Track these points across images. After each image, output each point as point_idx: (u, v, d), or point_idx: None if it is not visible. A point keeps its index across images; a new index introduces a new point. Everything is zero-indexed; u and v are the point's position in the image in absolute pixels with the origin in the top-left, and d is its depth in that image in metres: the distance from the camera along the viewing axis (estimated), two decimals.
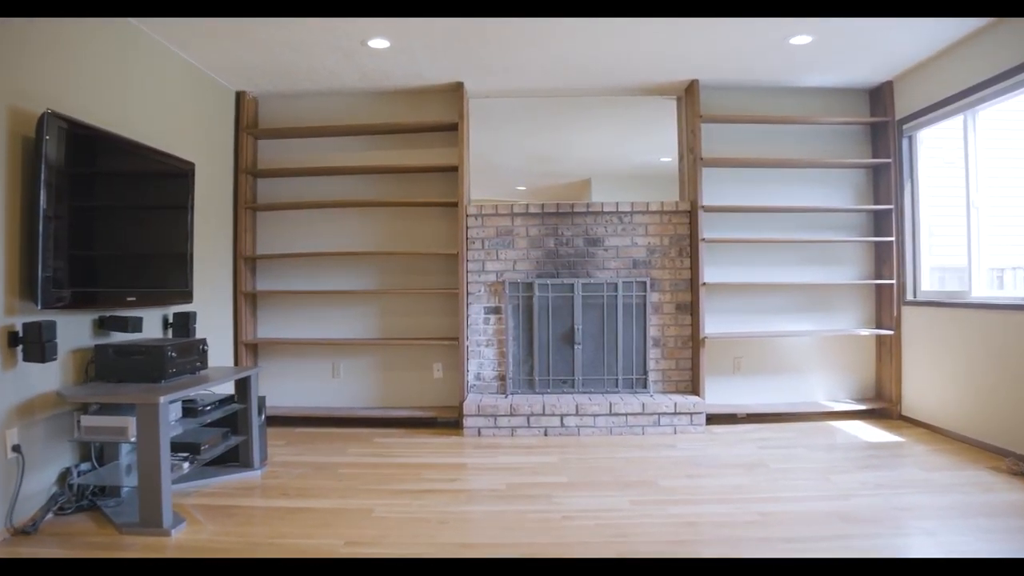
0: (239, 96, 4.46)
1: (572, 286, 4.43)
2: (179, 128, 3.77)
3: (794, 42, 3.72)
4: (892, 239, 4.38)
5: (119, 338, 3.07)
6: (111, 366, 2.81)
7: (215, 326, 4.14)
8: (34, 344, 2.48)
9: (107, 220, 2.96)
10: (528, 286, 4.45)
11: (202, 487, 3.08)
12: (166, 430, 2.52)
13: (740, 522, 2.57)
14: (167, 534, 2.47)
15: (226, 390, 3.51)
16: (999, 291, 3.73)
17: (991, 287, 3.76)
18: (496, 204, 4.51)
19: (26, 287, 2.54)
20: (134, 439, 2.55)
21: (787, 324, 4.60)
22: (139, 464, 2.50)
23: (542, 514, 2.68)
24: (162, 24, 3.37)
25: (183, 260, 3.55)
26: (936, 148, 4.29)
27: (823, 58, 3.98)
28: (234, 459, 3.35)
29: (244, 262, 4.44)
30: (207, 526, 2.58)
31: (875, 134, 4.57)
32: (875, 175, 4.59)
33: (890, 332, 4.40)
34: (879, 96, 4.48)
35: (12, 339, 2.49)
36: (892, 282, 4.40)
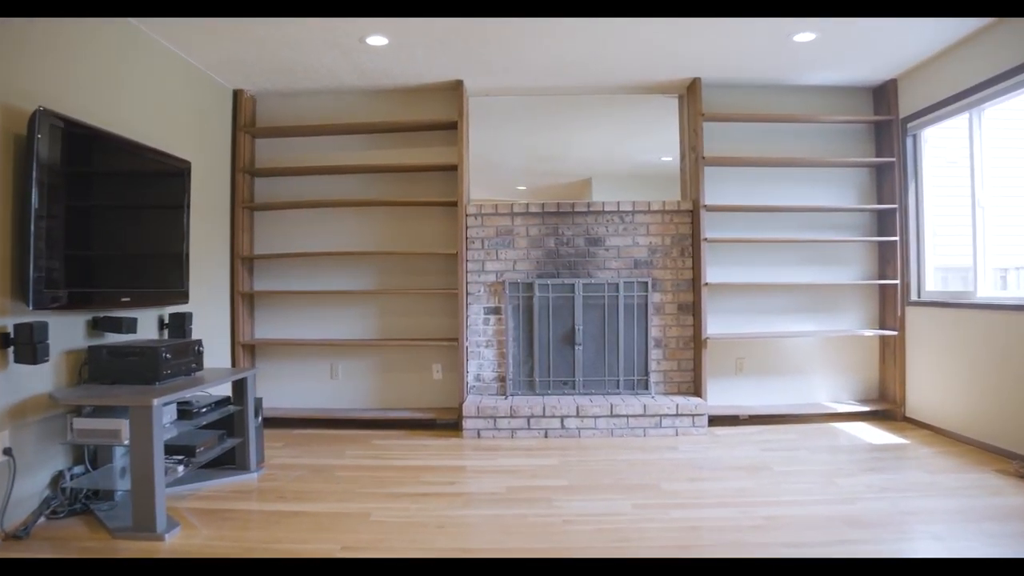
0: (236, 94, 4.41)
1: (573, 286, 4.38)
2: (175, 127, 3.73)
3: (798, 39, 3.67)
4: (896, 239, 4.34)
5: (113, 339, 3.03)
6: (105, 368, 2.77)
7: (212, 327, 4.10)
8: (25, 345, 2.43)
9: (101, 219, 2.92)
10: (528, 286, 4.41)
11: (197, 490, 3.03)
12: (159, 433, 2.48)
13: (744, 527, 2.52)
14: (161, 539, 2.43)
15: (223, 391, 3.47)
16: (1002, 291, 3.69)
17: (995, 287, 3.71)
18: (496, 203, 4.47)
19: (17, 287, 2.50)
20: (127, 442, 2.51)
21: (790, 325, 4.56)
22: (132, 468, 2.46)
23: (542, 518, 2.64)
24: (159, 22, 3.34)
25: (179, 260, 3.50)
26: (940, 147, 4.24)
27: (827, 55, 3.94)
28: (231, 462, 3.31)
29: (241, 262, 4.40)
30: (202, 530, 2.54)
31: (879, 133, 4.52)
32: (879, 174, 4.55)
33: (894, 333, 4.35)
34: (883, 94, 4.43)
35: (3, 340, 2.44)
36: (896, 282, 4.35)
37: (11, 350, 2.46)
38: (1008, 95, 3.45)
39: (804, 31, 3.55)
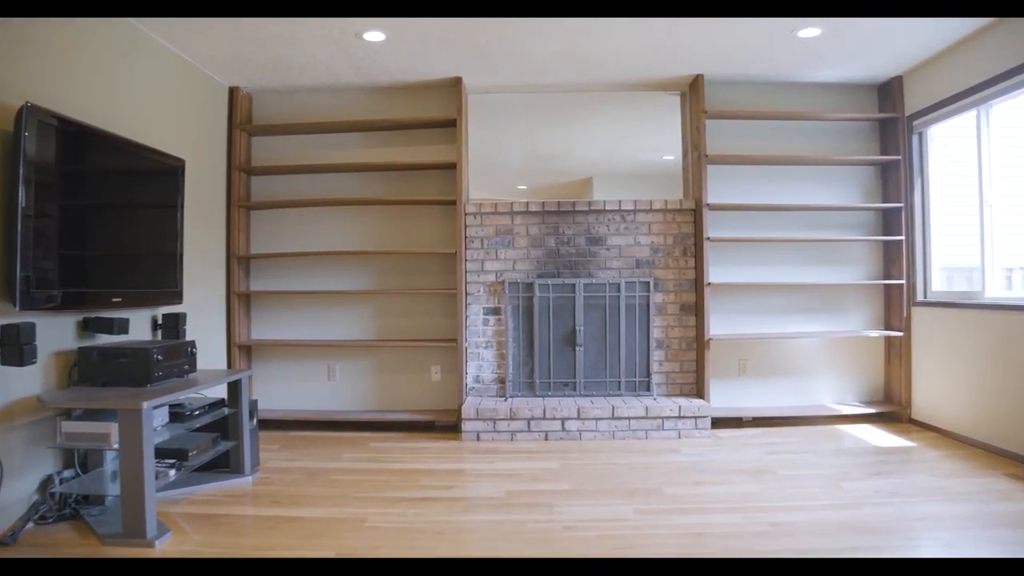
0: (232, 92, 4.35)
1: (573, 286, 4.32)
2: (170, 124, 3.67)
3: (802, 35, 3.61)
4: (902, 238, 4.27)
5: (105, 340, 2.97)
6: (95, 369, 2.71)
7: (208, 327, 4.04)
8: (11, 347, 2.37)
9: (92, 218, 2.86)
10: (528, 286, 4.35)
11: (190, 494, 2.97)
12: (150, 436, 2.42)
13: (749, 533, 2.46)
14: (151, 545, 2.37)
15: (218, 393, 3.41)
16: (1007, 291, 3.62)
17: (1002, 287, 3.65)
18: (495, 202, 4.41)
19: (3, 287, 2.44)
20: (117, 446, 2.44)
21: (794, 325, 4.49)
22: (122, 472, 2.40)
23: (542, 524, 2.57)
24: (154, 19, 3.27)
25: (172, 259, 3.44)
26: (946, 145, 4.18)
27: (832, 52, 3.87)
28: (225, 465, 3.25)
29: (238, 261, 4.34)
30: (193, 536, 2.48)
31: (884, 131, 4.46)
32: (884, 172, 4.48)
33: (899, 333, 4.29)
34: (888, 91, 4.37)
35: None
36: (902, 282, 4.28)
37: None
38: (1017, 91, 3.38)
39: (808, 26, 3.49)
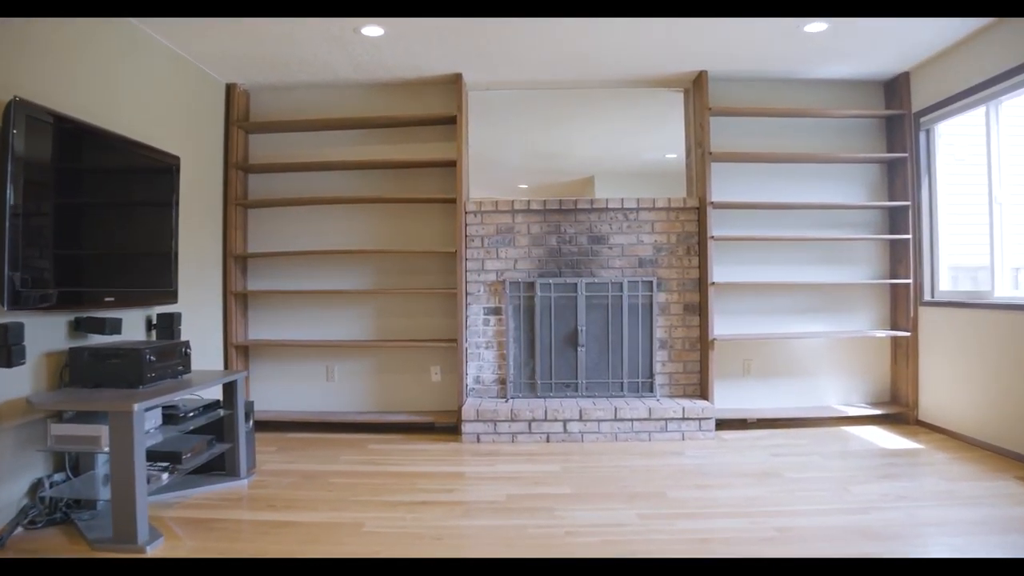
0: (229, 88, 4.29)
1: (575, 286, 4.25)
2: (165, 121, 3.61)
3: (808, 29, 3.54)
4: (909, 237, 4.20)
5: (97, 340, 2.91)
6: (86, 370, 2.65)
7: (204, 327, 3.98)
8: None
9: (84, 216, 2.80)
10: (529, 286, 4.28)
11: (184, 498, 2.91)
12: (141, 439, 2.36)
13: (756, 539, 2.40)
14: (142, 551, 2.31)
15: (213, 395, 3.35)
16: (1016, 291, 3.56)
17: (1011, 287, 3.58)
18: (496, 201, 4.34)
19: None
20: (108, 449, 2.38)
21: (799, 325, 4.43)
22: (112, 476, 2.34)
23: (544, 529, 2.51)
24: (152, 17, 3.21)
25: (167, 258, 3.38)
26: (951, 144, 4.11)
27: (838, 47, 3.80)
28: (220, 467, 3.19)
29: (234, 261, 4.28)
30: (186, 542, 2.42)
31: (890, 128, 4.39)
32: (890, 170, 4.41)
33: (906, 334, 4.22)
34: (894, 88, 4.30)
35: None
36: (908, 282, 4.22)
37: None
38: None
39: (814, 21, 3.42)
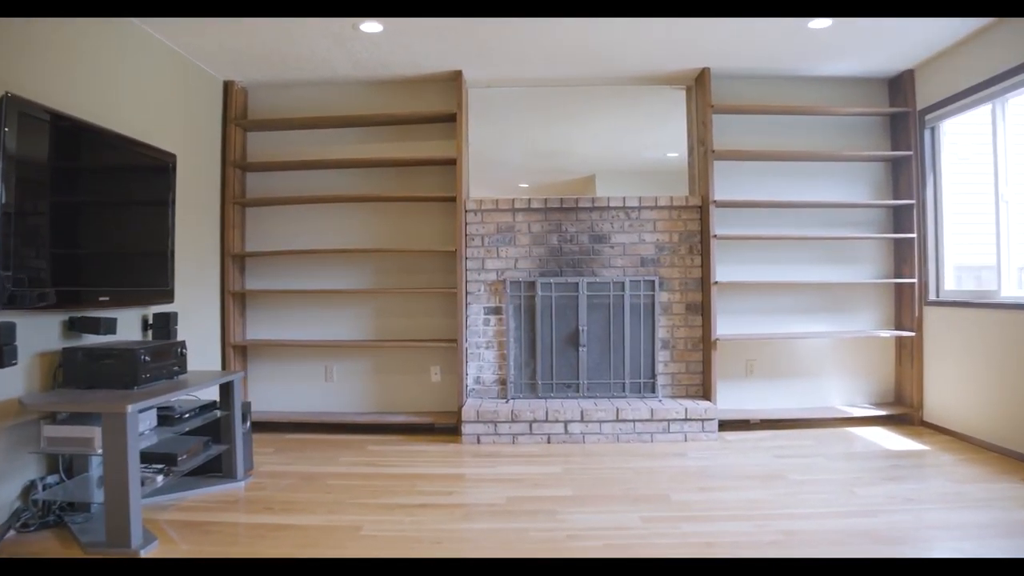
0: (227, 86, 4.25)
1: (576, 285, 4.21)
2: (162, 119, 3.56)
3: (812, 26, 3.50)
4: (913, 235, 4.16)
5: (92, 340, 2.86)
6: (80, 371, 2.61)
7: (201, 327, 3.94)
8: None
9: (78, 215, 2.75)
10: (530, 285, 4.24)
11: (180, 500, 2.87)
12: (135, 441, 2.32)
13: (761, 542, 2.35)
14: (135, 555, 2.26)
15: (210, 395, 3.30)
16: (1021, 290, 3.51)
17: (1019, 287, 3.54)
18: (496, 199, 4.30)
19: None
20: (101, 451, 2.34)
21: (802, 325, 4.38)
22: (106, 478, 2.30)
23: (545, 533, 2.47)
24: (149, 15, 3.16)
25: (163, 257, 3.34)
26: (955, 143, 4.06)
27: (842, 44, 3.76)
28: (217, 469, 3.14)
29: (232, 260, 4.24)
30: (180, 545, 2.38)
31: (894, 125, 4.35)
32: (894, 168, 4.37)
33: (911, 334, 4.17)
34: (899, 85, 4.26)
35: None
36: (913, 281, 4.17)
37: None
38: None
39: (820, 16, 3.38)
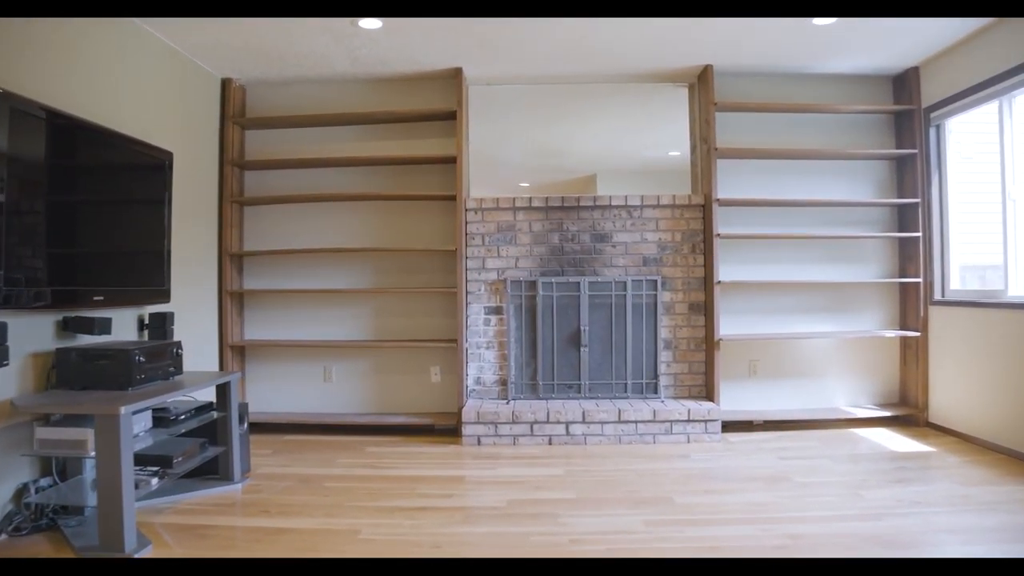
0: (225, 84, 4.20)
1: (578, 285, 4.16)
2: (158, 116, 3.52)
3: (817, 22, 3.45)
4: (919, 234, 4.11)
5: (86, 341, 2.82)
6: (74, 372, 2.57)
7: (199, 327, 3.89)
8: None
9: (72, 213, 2.71)
10: (531, 285, 4.19)
11: (175, 503, 2.82)
12: (128, 443, 2.27)
13: (767, 547, 2.31)
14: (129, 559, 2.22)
15: (207, 396, 3.26)
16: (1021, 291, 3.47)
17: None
18: (497, 198, 4.25)
19: None
20: (94, 453, 2.30)
21: (806, 325, 4.33)
22: (99, 481, 2.25)
23: (547, 537, 2.42)
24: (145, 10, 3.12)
25: (159, 256, 3.30)
26: (958, 141, 4.01)
27: (846, 41, 3.71)
28: (214, 471, 3.10)
29: (230, 259, 4.19)
30: (175, 549, 2.33)
31: (899, 123, 4.30)
32: (899, 167, 4.32)
33: (916, 334, 4.13)
34: (903, 83, 4.21)
35: None
36: (919, 280, 4.13)
37: None
38: None
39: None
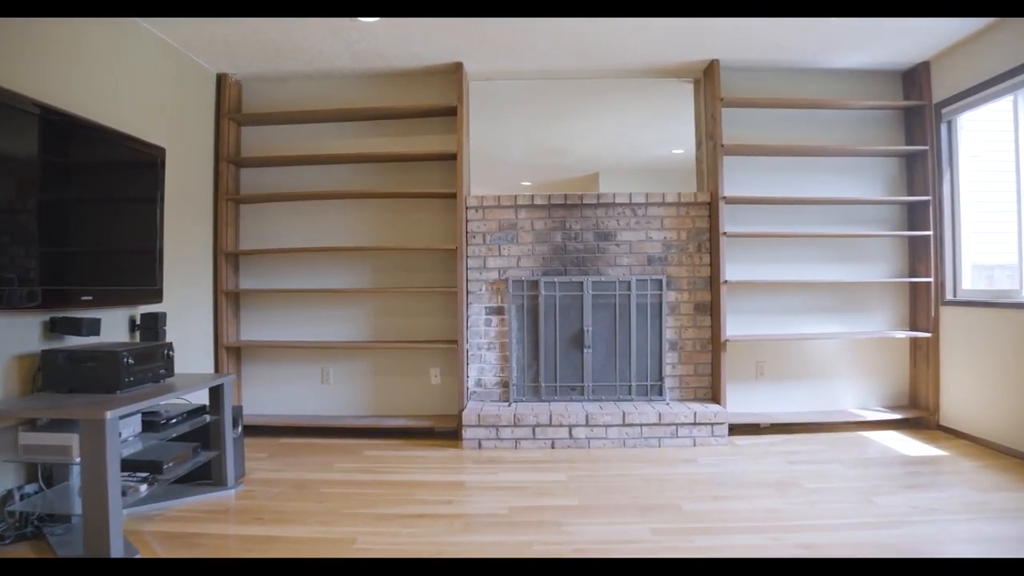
0: (220, 79, 4.11)
1: (581, 284, 4.07)
2: (152, 112, 3.43)
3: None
4: (929, 233, 4.02)
5: (75, 342, 2.73)
6: (61, 374, 2.48)
7: (193, 328, 3.81)
8: None
9: (59, 211, 2.62)
10: (533, 284, 4.10)
11: (166, 510, 2.73)
12: (115, 449, 2.18)
13: (780, 557, 2.21)
14: None
15: (200, 399, 3.17)
16: None
17: None
18: (498, 195, 4.16)
19: None
20: (79, 460, 2.21)
21: (814, 326, 4.24)
22: (84, 488, 2.17)
23: (550, 547, 2.33)
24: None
25: (151, 255, 3.20)
26: (969, 138, 3.92)
27: (855, 35, 3.62)
28: (207, 476, 3.01)
29: (226, 258, 4.10)
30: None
31: (909, 120, 4.20)
32: (909, 164, 4.22)
33: (927, 335, 4.03)
34: (913, 78, 4.12)
35: None
36: (929, 280, 4.03)
37: None
38: None
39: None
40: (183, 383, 2.78)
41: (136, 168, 3.13)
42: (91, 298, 2.76)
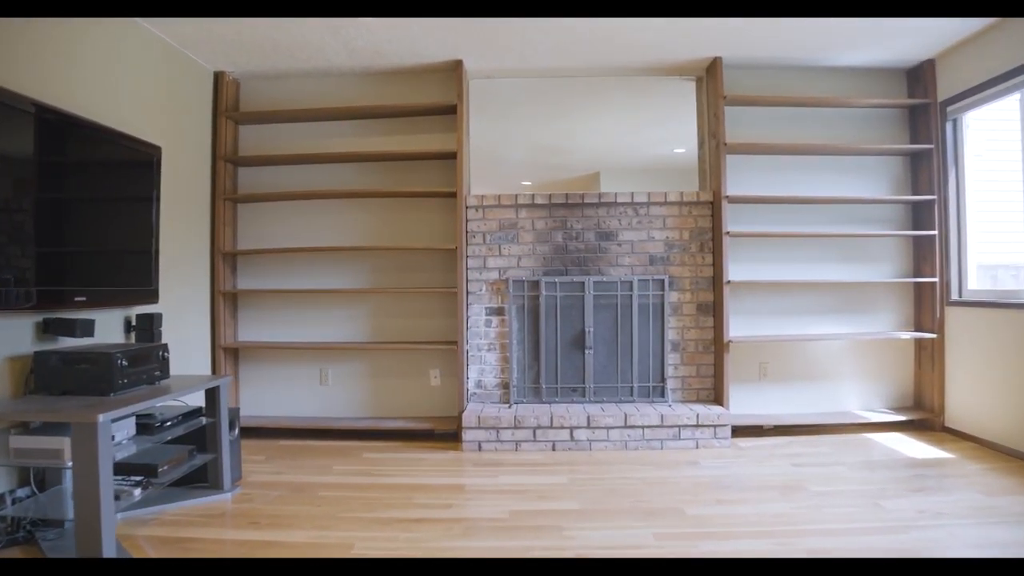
0: (218, 77, 4.07)
1: (582, 284, 4.03)
2: (148, 110, 3.39)
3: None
4: (935, 233, 3.97)
5: (69, 343, 2.69)
6: (53, 376, 2.44)
7: (190, 329, 3.76)
8: None
9: (53, 210, 2.58)
10: (534, 284, 4.06)
11: (161, 513, 2.69)
12: (107, 452, 2.14)
13: (787, 557, 2.17)
14: None
15: (196, 401, 3.12)
16: None
17: None
18: (499, 195, 4.11)
19: None
20: (71, 464, 2.16)
21: (817, 326, 4.19)
22: (76, 492, 2.12)
23: (551, 552, 2.28)
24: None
25: (146, 256, 3.16)
26: (973, 137, 3.88)
27: (860, 32, 3.58)
28: (203, 480, 2.97)
29: (223, 258, 4.06)
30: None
31: (913, 118, 4.16)
32: (914, 163, 4.18)
33: (932, 335, 3.99)
34: (918, 76, 4.07)
35: None
36: (935, 280, 3.99)
37: None
38: None
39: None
40: (179, 385, 2.74)
41: (132, 167, 3.09)
42: (85, 299, 2.72)
